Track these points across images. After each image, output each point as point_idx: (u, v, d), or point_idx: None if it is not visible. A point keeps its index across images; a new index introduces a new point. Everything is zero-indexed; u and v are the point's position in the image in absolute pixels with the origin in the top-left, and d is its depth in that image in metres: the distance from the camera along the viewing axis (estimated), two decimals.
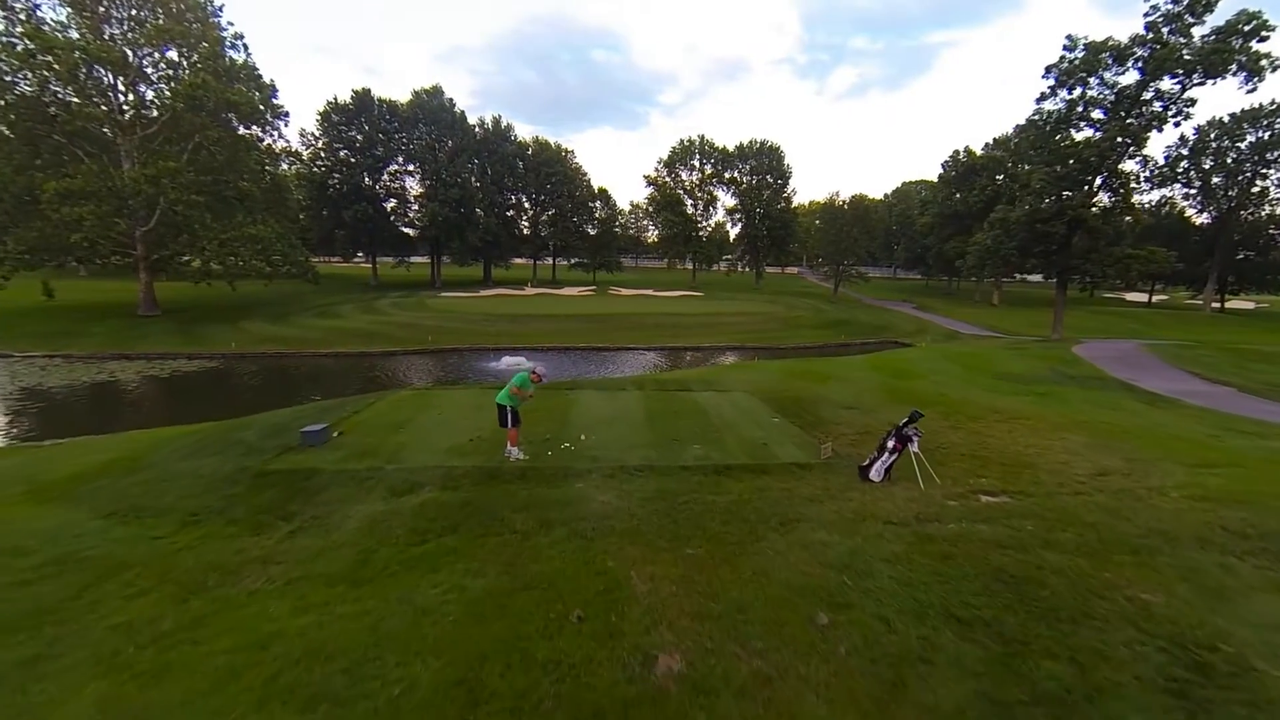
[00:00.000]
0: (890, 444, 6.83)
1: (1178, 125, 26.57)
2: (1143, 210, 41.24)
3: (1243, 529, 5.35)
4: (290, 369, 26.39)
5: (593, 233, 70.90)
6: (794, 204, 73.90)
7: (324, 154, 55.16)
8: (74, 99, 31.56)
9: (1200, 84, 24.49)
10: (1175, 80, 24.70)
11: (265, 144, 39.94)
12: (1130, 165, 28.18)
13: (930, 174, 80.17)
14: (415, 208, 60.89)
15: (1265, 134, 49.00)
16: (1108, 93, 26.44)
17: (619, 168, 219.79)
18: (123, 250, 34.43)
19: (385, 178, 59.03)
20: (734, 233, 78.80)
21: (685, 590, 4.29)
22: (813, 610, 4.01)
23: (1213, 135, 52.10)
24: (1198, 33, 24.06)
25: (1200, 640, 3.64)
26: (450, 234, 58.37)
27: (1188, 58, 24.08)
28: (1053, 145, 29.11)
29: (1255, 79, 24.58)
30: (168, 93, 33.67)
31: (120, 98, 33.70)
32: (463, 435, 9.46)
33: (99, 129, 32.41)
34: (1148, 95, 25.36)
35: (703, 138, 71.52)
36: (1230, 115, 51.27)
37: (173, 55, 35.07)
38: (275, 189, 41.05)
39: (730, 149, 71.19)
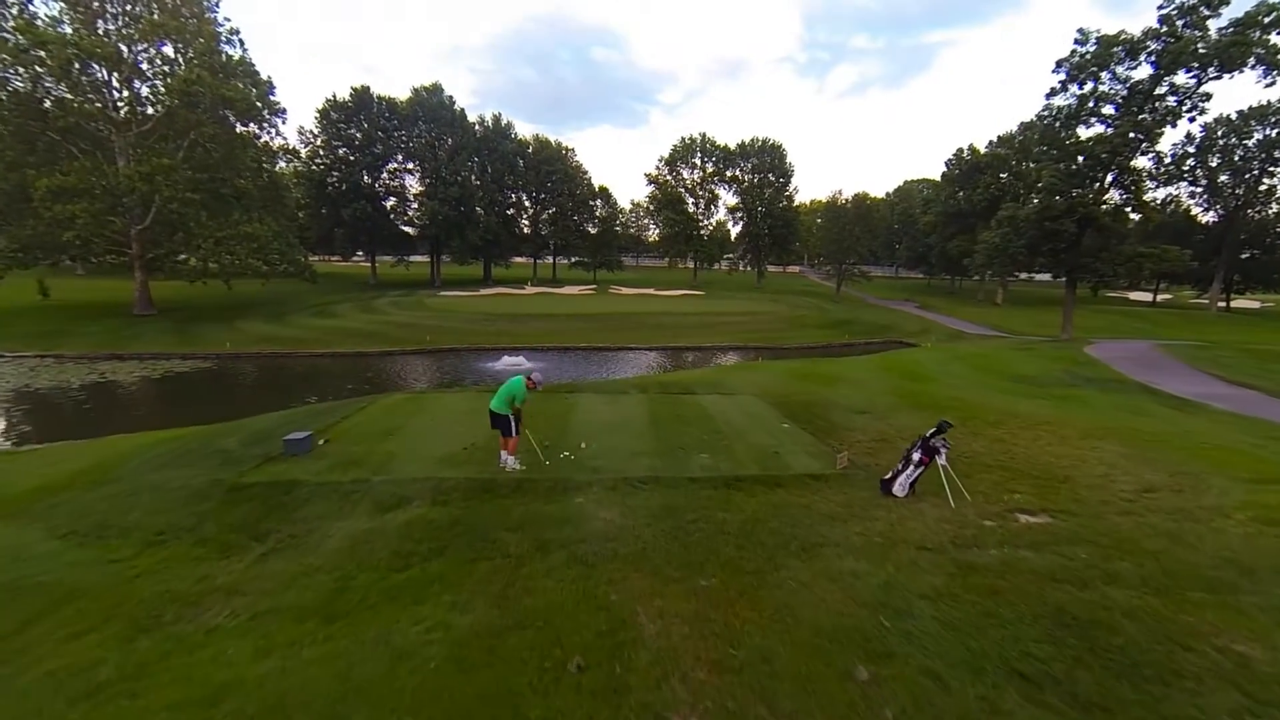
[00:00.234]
0: (916, 456, 6.28)
1: (1192, 120, 26.03)
2: (1154, 208, 40.50)
3: None
4: (285, 370, 25.89)
5: (593, 231, 70.30)
6: (796, 203, 73.29)
7: (323, 152, 54.64)
8: (67, 95, 31.05)
9: (1216, 78, 23.87)
10: (1190, 74, 24.07)
11: (262, 141, 39.42)
12: (1142, 162, 27.58)
13: (931, 172, 79.50)
14: (415, 206, 60.37)
15: (1274, 131, 48.16)
16: (1120, 87, 25.81)
17: (619, 166, 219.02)
18: (117, 249, 33.96)
19: (384, 176, 58.52)
20: (735, 231, 78.22)
21: (699, 632, 3.76)
22: (849, 661, 3.46)
23: (1220, 132, 51.33)
24: (1214, 25, 23.46)
25: None
26: (450, 233, 57.86)
27: (1202, 51, 23.46)
28: (1062, 142, 28.54)
29: (1275, 72, 23.92)
30: (162, 89, 33.15)
31: (115, 94, 33.18)
32: (456, 443, 8.96)
33: (93, 126, 31.88)
34: (1161, 90, 24.74)
35: (704, 136, 70.90)
36: (1238, 112, 50.55)
37: (168, 51, 34.58)
38: (272, 187, 40.50)
39: (732, 147, 70.57)
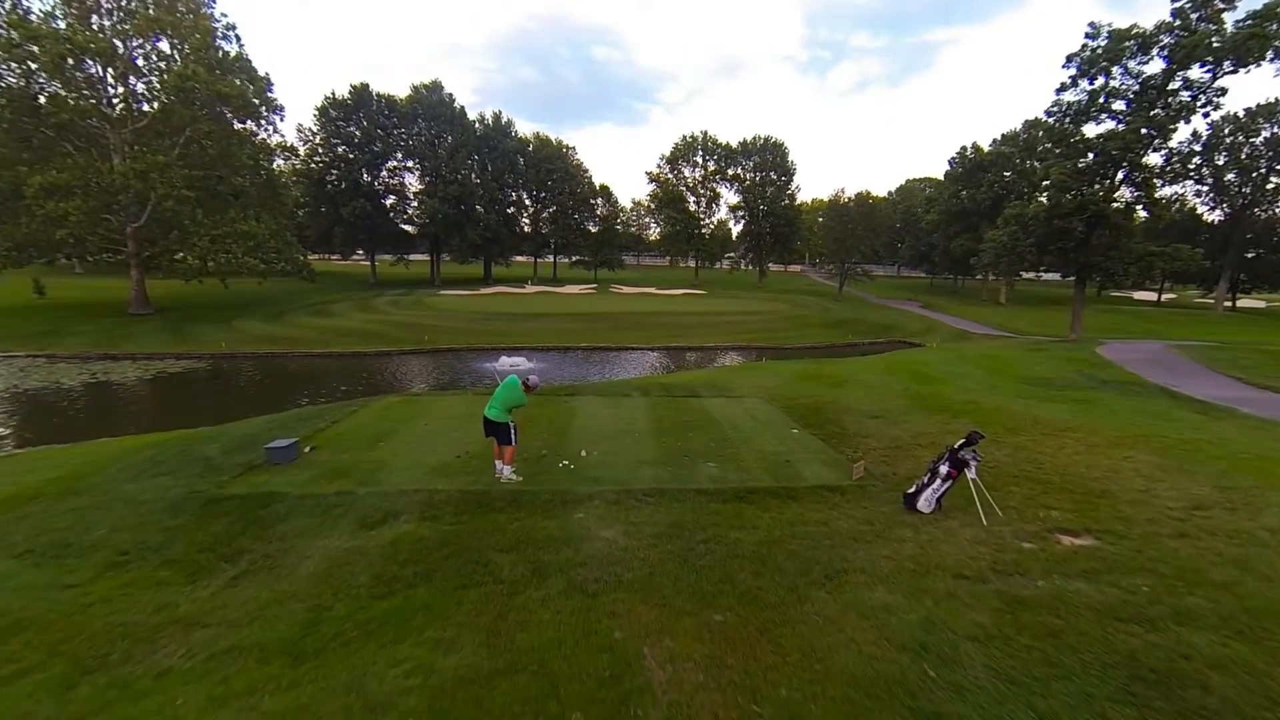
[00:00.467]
0: (943, 469, 5.81)
1: (1206, 116, 25.49)
2: (1165, 205, 39.88)
3: None
4: (281, 370, 25.45)
5: (594, 230, 69.84)
6: (798, 201, 72.81)
7: (322, 150, 54.20)
8: (61, 91, 30.59)
9: (1231, 72, 23.31)
10: (1205, 69, 23.53)
11: (260, 139, 38.96)
12: (1154, 159, 27.04)
13: (934, 171, 79.31)
14: (414, 204, 59.94)
15: None
16: (1131, 82, 25.27)
17: (620, 165, 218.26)
18: (113, 248, 33.52)
19: (384, 174, 58.07)
20: (736, 230, 77.76)
21: (716, 681, 3.29)
22: None
23: (1227, 130, 50.78)
24: (1230, 18, 22.91)
25: None
26: (450, 231, 57.45)
27: (1217, 45, 22.92)
28: (1070, 138, 28.03)
29: None
30: (158, 85, 32.70)
31: (110, 90, 32.74)
32: (450, 450, 8.51)
33: (88, 123, 31.39)
34: (1175, 85, 24.20)
35: (705, 134, 70.48)
36: (1246, 110, 50.03)
37: (164, 47, 34.14)
38: (269, 185, 40.04)
39: (733, 145, 70.14)
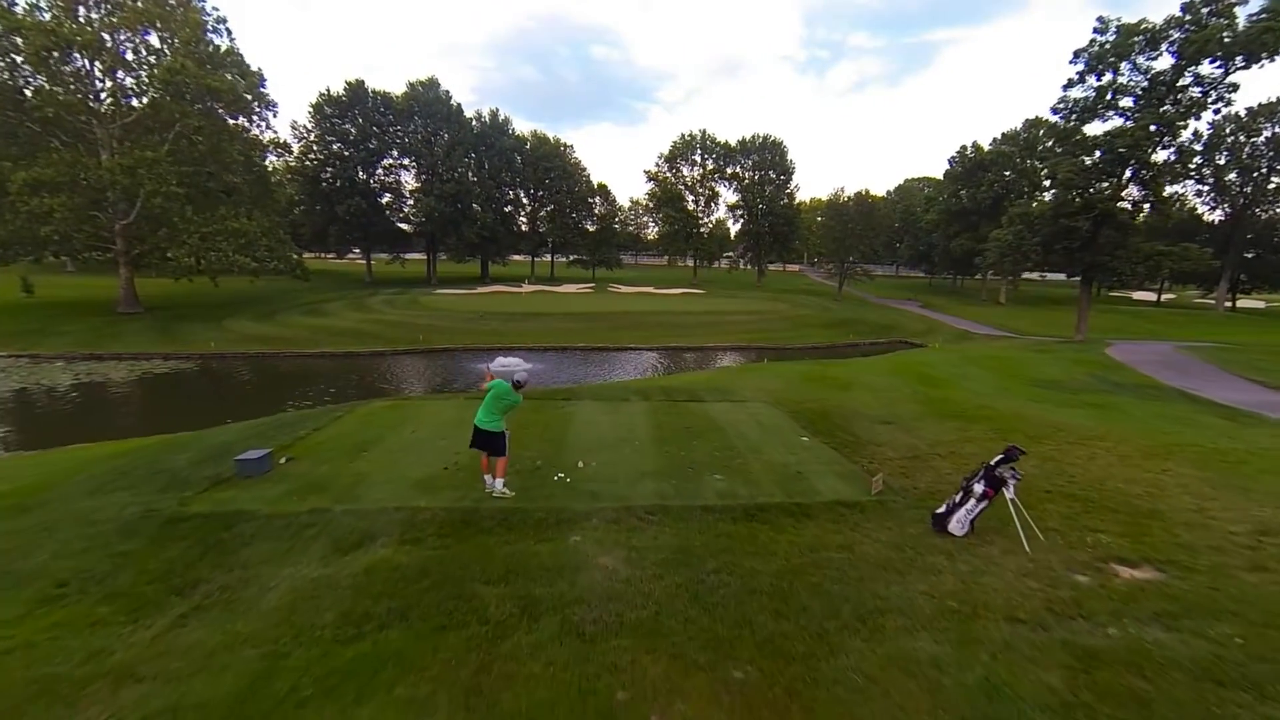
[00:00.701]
0: (979, 488, 5.25)
1: (1217, 112, 25.02)
2: (1173, 204, 39.40)
3: None
4: (271, 370, 24.83)
5: (592, 229, 69.24)
6: (797, 200, 72.34)
7: (316, 147, 53.46)
8: (45, 84, 29.86)
9: (1243, 67, 22.83)
10: (1216, 64, 23.03)
11: (251, 134, 38.23)
12: (1162, 156, 26.51)
13: (932, 170, 79.00)
14: (410, 203, 59.29)
15: None
16: (1140, 78, 24.80)
17: (619, 165, 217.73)
18: (101, 245, 32.77)
19: (380, 172, 57.38)
20: (735, 229, 77.30)
21: None
22: None
23: (1228, 129, 50.43)
24: (1242, 12, 22.43)
25: None
26: (446, 230, 56.81)
27: (1228, 40, 22.44)
28: (1078, 136, 27.56)
29: None
30: (146, 79, 31.98)
31: (97, 84, 32.01)
32: (438, 461, 7.94)
33: (75, 117, 30.63)
34: (1185, 80, 23.71)
35: (704, 132, 69.98)
36: (1247, 109, 49.67)
37: (153, 40, 33.44)
38: (261, 182, 39.33)
39: (732, 144, 69.67)
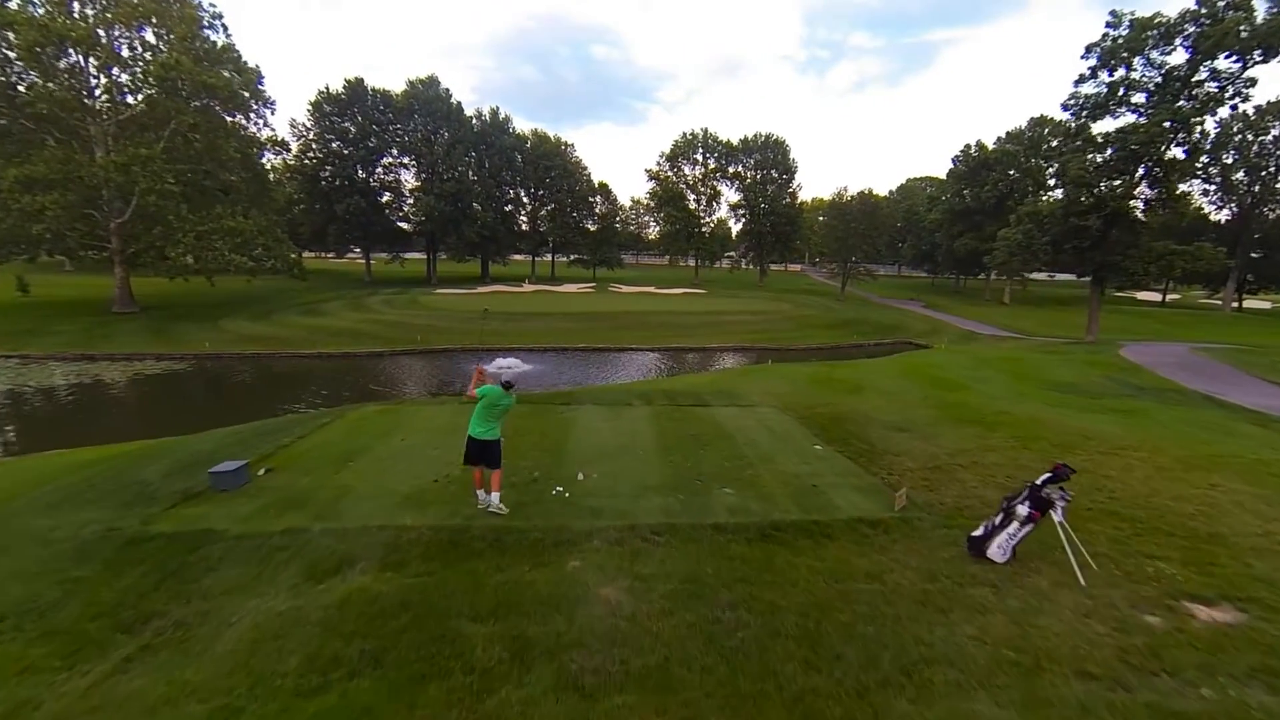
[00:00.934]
0: (1023, 510, 4.73)
1: (1234, 108, 24.44)
2: (1186, 202, 38.75)
3: None
4: (265, 371, 24.35)
5: (593, 228, 68.75)
6: (799, 200, 71.79)
7: (315, 145, 53.00)
8: (38, 80, 29.41)
9: (1261, 61, 22.22)
10: (1233, 59, 22.42)
11: (249, 132, 37.76)
12: (1176, 153, 25.89)
13: (934, 170, 78.52)
14: (410, 201, 58.84)
15: None
16: (1153, 74, 24.21)
17: (620, 165, 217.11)
18: (97, 244, 32.30)
19: (379, 170, 56.93)
20: (736, 229, 76.81)
21: None
22: None
23: (1236, 128, 49.75)
24: (1261, 5, 21.80)
25: None
26: (446, 229, 56.32)
27: (1245, 34, 21.85)
28: (1088, 133, 27.01)
29: None
30: (140, 75, 31.52)
31: (92, 81, 31.55)
32: (428, 472, 7.44)
33: (69, 115, 30.15)
34: (1201, 75, 23.11)
35: (706, 131, 69.36)
36: (1255, 108, 48.95)
37: (149, 37, 32.99)
38: (258, 180, 38.86)
39: (734, 143, 69.08)
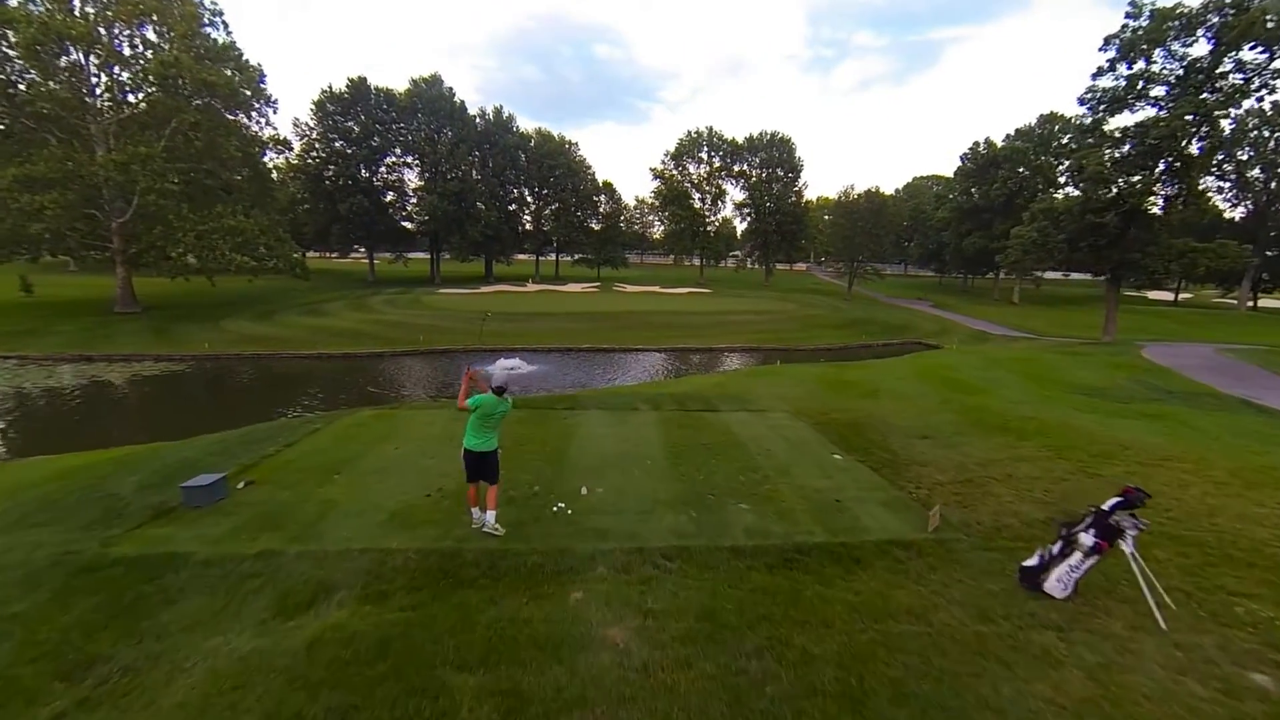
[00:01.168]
0: (1088, 540, 4.14)
1: (1260, 100, 23.64)
2: (1208, 199, 37.80)
3: None
4: (265, 372, 23.94)
5: (597, 228, 68.29)
6: (805, 198, 71.09)
7: (319, 144, 52.77)
8: (37, 79, 29.13)
9: None
10: (1260, 49, 21.61)
11: (250, 131, 37.42)
12: (1193, 148, 25.08)
13: (941, 168, 77.59)
14: (414, 201, 58.58)
15: None
16: (1174, 66, 23.45)
17: (623, 164, 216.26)
18: (98, 244, 32.02)
19: (383, 170, 56.70)
20: (742, 228, 76.23)
21: None
22: None
23: (1251, 124, 48.72)
24: None
25: None
26: (450, 228, 56.00)
27: (1272, 25, 21.10)
28: (1102, 129, 26.28)
29: None
30: (140, 73, 31.20)
31: (92, 79, 31.25)
32: (419, 486, 6.91)
33: (69, 114, 29.84)
34: (1226, 66, 22.32)
35: (711, 129, 68.86)
36: (1272, 104, 47.89)
37: (150, 35, 32.69)
38: (259, 179, 38.52)
39: (739, 141, 68.54)
